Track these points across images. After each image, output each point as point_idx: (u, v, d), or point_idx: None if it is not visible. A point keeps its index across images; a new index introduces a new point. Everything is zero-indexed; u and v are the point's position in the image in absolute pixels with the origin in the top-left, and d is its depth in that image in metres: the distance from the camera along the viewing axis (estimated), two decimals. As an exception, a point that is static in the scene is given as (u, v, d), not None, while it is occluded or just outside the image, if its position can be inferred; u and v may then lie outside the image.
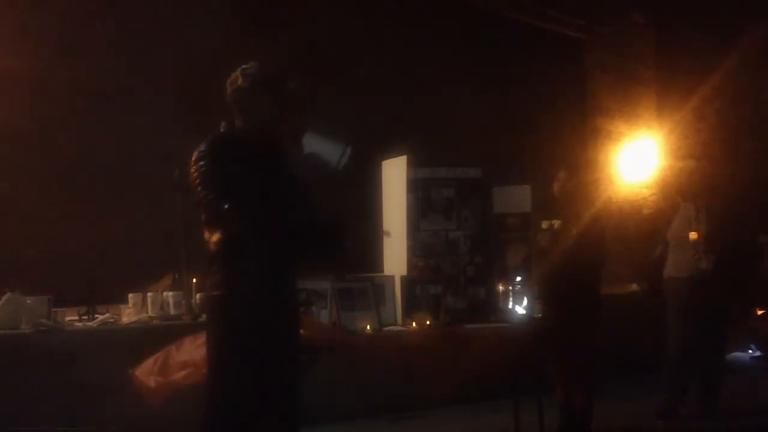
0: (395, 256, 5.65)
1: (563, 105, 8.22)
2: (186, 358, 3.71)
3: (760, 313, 8.13)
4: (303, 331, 3.13)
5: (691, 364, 5.65)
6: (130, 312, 4.95)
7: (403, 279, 5.39)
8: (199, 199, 2.83)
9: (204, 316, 3.13)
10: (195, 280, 4.97)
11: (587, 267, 4.87)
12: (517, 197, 5.68)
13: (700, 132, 8.64)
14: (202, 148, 2.85)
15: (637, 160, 8.54)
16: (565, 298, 4.79)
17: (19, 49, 5.10)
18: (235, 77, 2.98)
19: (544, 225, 5.02)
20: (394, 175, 5.76)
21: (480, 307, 5.38)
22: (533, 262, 5.21)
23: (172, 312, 4.99)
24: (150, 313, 4.96)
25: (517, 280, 5.21)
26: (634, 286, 7.90)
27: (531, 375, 4.63)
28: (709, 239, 5.50)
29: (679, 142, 8.54)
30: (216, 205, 2.78)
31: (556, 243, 4.89)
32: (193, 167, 2.84)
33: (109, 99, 5.44)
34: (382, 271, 5.68)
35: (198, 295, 4.96)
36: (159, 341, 4.37)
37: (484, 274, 5.46)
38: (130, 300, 4.98)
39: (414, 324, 4.92)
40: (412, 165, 5.57)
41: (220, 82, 3.02)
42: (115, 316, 4.89)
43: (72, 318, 4.77)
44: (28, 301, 4.51)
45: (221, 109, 3.00)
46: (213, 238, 2.83)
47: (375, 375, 5.47)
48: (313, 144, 2.90)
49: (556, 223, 4.93)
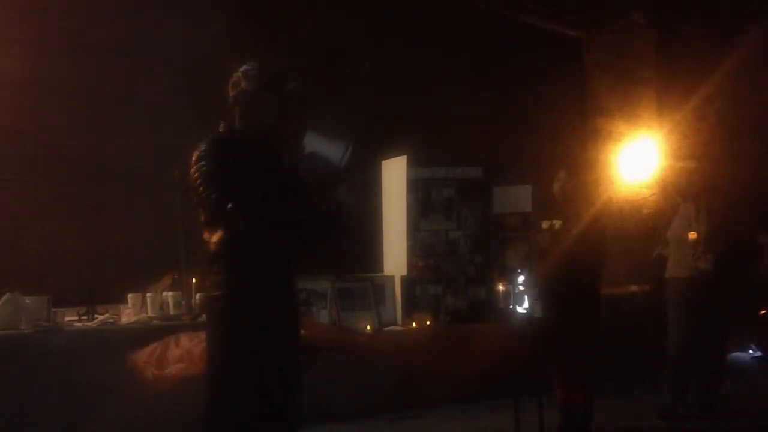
0: (395, 256, 5.65)
1: (563, 105, 8.22)
2: (183, 352, 3.70)
3: (761, 313, 8.13)
4: (303, 331, 3.13)
5: (691, 364, 5.65)
6: (129, 312, 4.95)
7: (403, 279, 5.39)
8: (200, 199, 2.83)
9: (204, 316, 3.13)
10: (195, 280, 4.98)
11: (587, 267, 4.87)
12: (517, 197, 5.68)
13: (700, 132, 8.64)
14: (202, 148, 2.84)
15: (637, 160, 8.54)
16: (565, 298, 4.79)
17: (19, 50, 5.10)
18: (237, 79, 2.96)
19: (545, 225, 5.01)
20: (394, 175, 5.76)
21: (480, 307, 5.38)
22: (533, 262, 5.20)
23: (172, 312, 4.99)
24: (150, 314, 4.96)
25: (517, 280, 5.20)
26: (633, 287, 7.89)
27: (531, 375, 4.63)
28: (709, 239, 5.51)
29: (679, 142, 8.54)
30: (218, 205, 2.77)
31: (556, 243, 4.88)
32: (193, 167, 2.84)
33: (109, 99, 5.44)
34: (382, 271, 5.68)
35: (198, 295, 4.97)
36: (159, 341, 4.38)
37: (484, 274, 5.46)
38: (129, 300, 4.98)
39: (414, 324, 4.92)
40: (412, 165, 5.57)
41: (220, 82, 3.01)
42: (114, 317, 4.89)
43: (71, 318, 4.76)
44: (28, 302, 4.50)
45: (221, 109, 2.99)
46: (213, 239, 2.83)
47: (375, 375, 5.47)
48: (315, 144, 2.88)
49: (557, 223, 4.93)
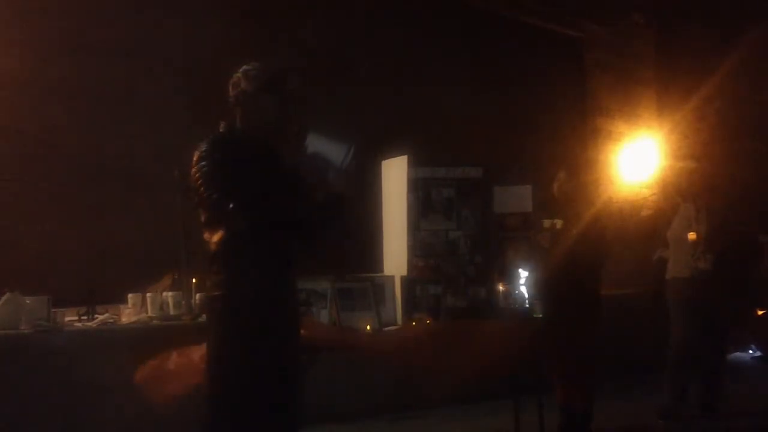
0: (395, 256, 5.64)
1: (563, 105, 8.22)
2: (186, 362, 3.69)
3: (760, 313, 8.13)
4: (303, 331, 3.13)
5: (691, 364, 5.65)
6: (129, 312, 4.95)
7: (403, 279, 5.38)
8: (201, 200, 2.82)
9: (204, 316, 3.13)
10: (195, 280, 4.97)
11: (587, 267, 4.88)
12: (518, 197, 5.66)
13: (700, 132, 8.64)
14: (203, 149, 2.84)
15: (637, 160, 8.54)
16: (565, 298, 4.79)
17: (19, 50, 5.10)
18: (237, 79, 2.96)
19: (546, 224, 5.02)
20: (394, 175, 5.75)
21: (480, 306, 5.36)
22: (533, 262, 5.20)
23: (172, 312, 4.99)
24: (150, 314, 4.95)
25: (518, 280, 5.20)
26: (634, 287, 7.86)
27: (531, 375, 4.63)
28: (709, 239, 5.51)
29: (679, 142, 8.54)
30: (219, 205, 2.77)
31: (556, 243, 4.89)
32: (194, 167, 2.83)
33: (109, 99, 5.44)
34: (382, 271, 5.67)
35: (198, 295, 4.96)
36: (159, 341, 4.36)
37: (484, 274, 5.44)
38: (129, 300, 4.98)
39: (414, 324, 4.92)
40: (412, 165, 5.55)
41: (220, 82, 3.01)
42: (114, 317, 4.89)
43: (71, 318, 4.76)
44: (28, 301, 4.50)
45: (221, 109, 2.99)
46: (213, 239, 2.83)
47: (375, 375, 5.47)
48: (317, 144, 2.88)
49: (558, 222, 4.93)
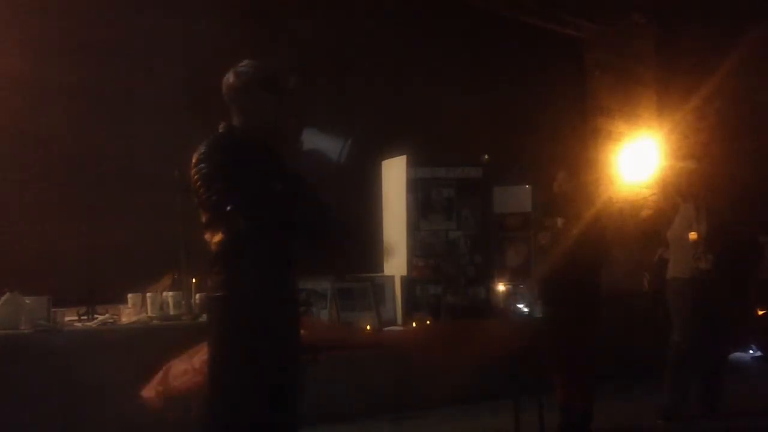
0: (395, 255, 5.64)
1: (563, 105, 8.21)
2: (187, 366, 3.69)
3: (760, 313, 8.13)
4: (303, 331, 3.13)
5: (691, 364, 5.65)
6: (129, 312, 4.95)
7: (403, 279, 5.39)
8: (201, 201, 2.83)
9: (204, 316, 3.13)
10: (195, 280, 4.97)
11: (587, 267, 4.88)
12: (517, 197, 5.68)
13: (700, 132, 8.63)
14: (202, 149, 2.84)
15: (637, 160, 8.53)
16: (565, 297, 4.79)
17: (20, 50, 5.10)
18: (227, 76, 2.97)
19: (546, 224, 5.02)
20: (394, 175, 5.76)
21: (480, 307, 5.37)
22: (533, 262, 5.21)
23: (172, 312, 4.99)
24: (150, 314, 4.96)
25: (517, 279, 5.21)
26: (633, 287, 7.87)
27: (531, 375, 4.63)
28: (709, 239, 5.50)
29: (679, 142, 8.53)
30: (218, 206, 2.77)
31: (556, 243, 4.89)
32: (194, 168, 2.83)
33: (109, 100, 5.44)
34: (382, 271, 5.68)
35: (198, 295, 4.96)
36: (159, 341, 4.38)
37: (484, 274, 5.45)
38: (129, 300, 4.98)
39: (414, 324, 4.92)
40: (412, 165, 5.56)
41: (220, 82, 3.02)
42: (114, 317, 4.89)
43: (72, 318, 4.76)
44: (28, 301, 4.50)
45: (222, 109, 2.99)
46: (214, 239, 2.83)
47: (375, 375, 5.47)
48: (313, 140, 2.89)
49: (558, 222, 4.93)
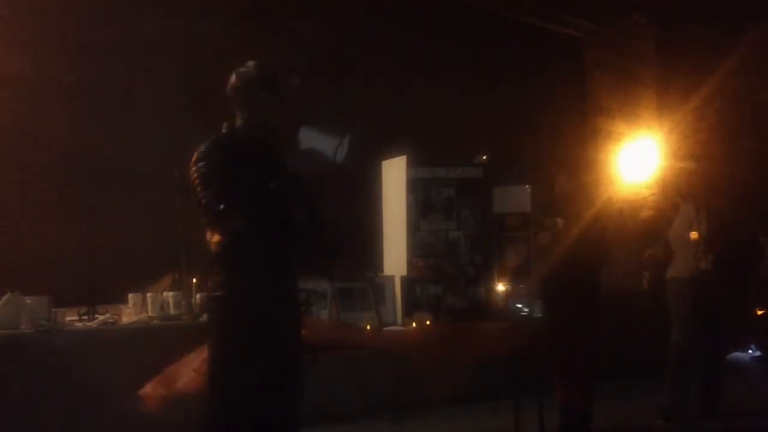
0: (395, 256, 5.64)
1: (563, 105, 8.22)
2: (188, 369, 3.68)
3: (760, 313, 8.13)
4: (304, 331, 3.13)
5: (691, 364, 5.65)
6: (130, 312, 4.95)
7: (403, 279, 5.38)
8: (198, 200, 2.84)
9: (204, 316, 3.13)
10: (195, 280, 4.97)
11: (587, 267, 4.88)
12: (517, 197, 5.67)
13: (700, 132, 8.64)
14: (202, 149, 2.85)
15: (637, 160, 8.54)
16: (565, 298, 4.79)
17: (20, 50, 5.10)
18: (232, 78, 3.01)
19: (546, 224, 5.02)
20: (394, 175, 5.75)
21: (480, 307, 5.36)
22: (533, 262, 5.20)
23: (172, 312, 4.99)
24: (150, 313, 4.96)
25: (517, 280, 5.20)
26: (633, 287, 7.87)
27: (531, 375, 4.63)
28: (709, 239, 5.51)
29: (679, 142, 8.54)
30: (214, 206, 2.78)
31: (556, 243, 4.89)
32: (193, 167, 2.85)
33: (109, 99, 5.44)
34: (382, 271, 5.68)
35: (198, 295, 4.96)
36: (159, 341, 4.38)
37: (484, 274, 5.45)
38: (130, 300, 4.98)
39: (414, 324, 4.92)
40: (412, 165, 5.55)
41: (222, 83, 3.03)
42: (115, 316, 4.89)
43: (72, 318, 4.76)
44: (28, 301, 4.50)
45: (223, 109, 3.00)
46: (214, 239, 2.84)
47: (375, 375, 5.47)
48: (310, 139, 2.89)
49: (560, 221, 4.93)
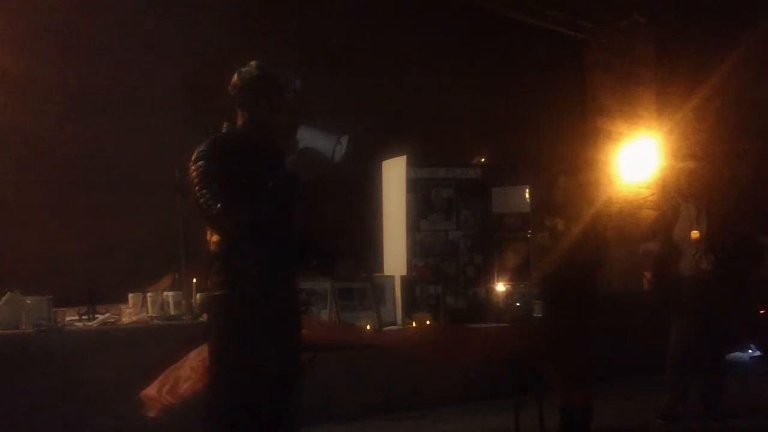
0: (395, 256, 5.64)
1: (563, 105, 8.22)
2: (189, 371, 3.67)
3: (760, 313, 8.13)
4: (304, 331, 3.13)
5: (691, 363, 5.65)
6: (130, 312, 4.95)
7: (403, 279, 5.38)
8: (196, 199, 2.84)
9: (204, 316, 3.14)
10: (195, 280, 4.97)
11: (587, 267, 4.88)
12: (517, 197, 5.67)
13: (700, 132, 8.64)
14: (201, 148, 2.86)
15: (637, 160, 8.54)
16: (564, 298, 4.79)
17: (20, 50, 5.10)
18: (234, 79, 3.01)
19: (547, 224, 5.02)
20: (394, 175, 5.74)
21: (480, 307, 5.36)
22: (533, 263, 5.20)
23: (172, 312, 4.99)
24: (150, 313, 4.96)
25: (517, 280, 5.20)
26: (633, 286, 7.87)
27: (531, 375, 4.63)
28: (709, 239, 5.51)
29: (679, 142, 8.54)
30: (210, 206, 2.78)
31: (556, 243, 4.89)
32: (192, 166, 2.85)
33: (110, 99, 5.45)
34: (382, 271, 5.68)
35: (198, 295, 4.96)
36: (159, 341, 4.38)
37: (484, 274, 5.45)
38: (130, 300, 4.98)
39: (414, 324, 4.92)
40: (411, 165, 5.55)
41: (223, 83, 3.03)
42: (115, 316, 4.89)
43: (72, 318, 4.76)
44: (29, 301, 4.50)
45: (223, 109, 3.01)
46: (214, 239, 2.84)
47: (375, 375, 5.47)
48: (308, 138, 2.88)
49: (560, 222, 4.93)
